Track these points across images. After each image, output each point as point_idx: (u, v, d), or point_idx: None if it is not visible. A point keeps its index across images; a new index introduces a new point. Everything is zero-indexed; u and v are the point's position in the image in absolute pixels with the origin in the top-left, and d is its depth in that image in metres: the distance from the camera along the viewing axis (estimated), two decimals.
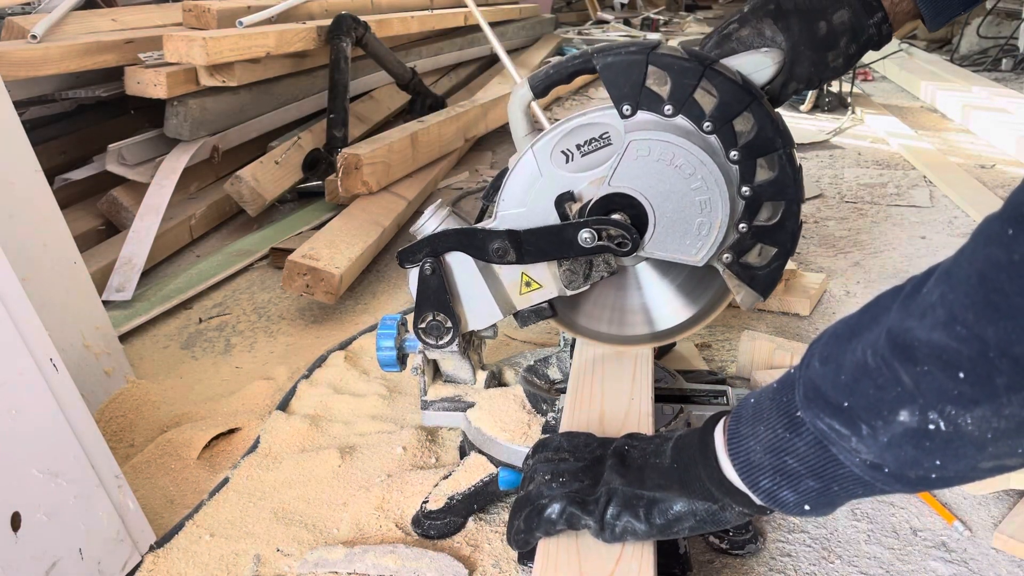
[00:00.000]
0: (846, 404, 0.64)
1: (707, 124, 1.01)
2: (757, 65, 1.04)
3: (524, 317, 1.19)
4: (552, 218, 1.10)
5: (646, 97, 1.01)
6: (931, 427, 0.58)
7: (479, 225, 1.12)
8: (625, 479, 0.83)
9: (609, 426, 1.02)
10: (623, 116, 1.02)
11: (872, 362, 0.62)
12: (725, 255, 1.07)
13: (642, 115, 1.02)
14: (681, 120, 1.01)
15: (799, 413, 0.70)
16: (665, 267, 1.18)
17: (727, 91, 0.99)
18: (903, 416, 0.59)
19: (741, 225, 1.05)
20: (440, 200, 1.19)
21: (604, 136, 1.05)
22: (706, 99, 1.00)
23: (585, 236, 1.07)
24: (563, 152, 1.07)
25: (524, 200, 1.10)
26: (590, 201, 1.07)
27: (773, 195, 1.03)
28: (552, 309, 1.19)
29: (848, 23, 1.05)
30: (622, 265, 1.13)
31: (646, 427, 1.02)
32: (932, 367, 0.57)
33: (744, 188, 1.03)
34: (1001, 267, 0.52)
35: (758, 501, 0.76)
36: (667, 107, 1.01)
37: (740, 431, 0.76)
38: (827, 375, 0.67)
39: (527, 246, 1.10)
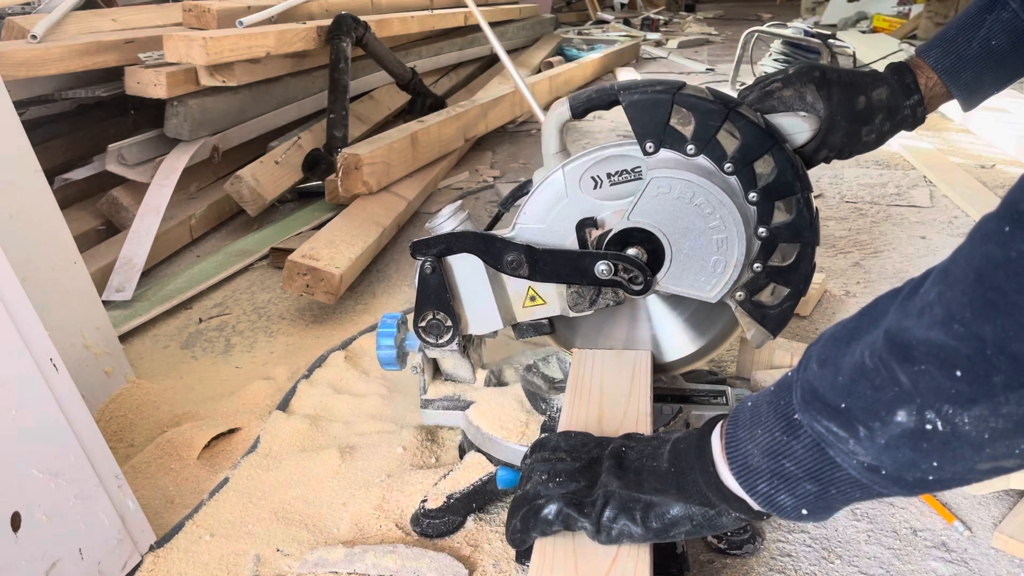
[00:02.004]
0: (843, 405, 0.64)
1: (728, 165, 1.02)
2: (794, 127, 1.06)
3: (522, 330, 1.20)
4: (570, 240, 1.11)
5: (669, 136, 1.02)
6: (928, 427, 0.58)
7: (498, 233, 1.13)
8: (622, 481, 0.83)
9: (608, 426, 1.02)
10: (646, 153, 1.04)
11: (870, 363, 0.62)
12: (738, 293, 1.08)
13: (665, 153, 1.04)
14: (703, 160, 1.03)
15: (796, 416, 0.69)
16: (674, 300, 1.19)
17: (750, 134, 1.01)
18: (900, 416, 0.59)
19: (756, 265, 1.06)
20: (461, 202, 1.19)
21: (636, 170, 1.07)
22: (728, 140, 1.01)
23: (602, 268, 1.08)
24: (593, 178, 1.08)
25: (545, 217, 1.11)
26: (610, 231, 1.08)
27: (789, 237, 1.04)
28: (551, 326, 1.19)
29: (885, 101, 1.09)
30: (631, 297, 1.13)
31: (644, 427, 1.02)
32: (929, 366, 0.57)
33: (761, 229, 1.04)
34: (998, 265, 0.52)
35: (755, 506, 0.75)
36: (690, 147, 1.02)
37: (738, 435, 0.76)
38: (825, 377, 0.67)
39: (542, 264, 1.11)
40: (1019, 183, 0.53)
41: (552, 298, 1.15)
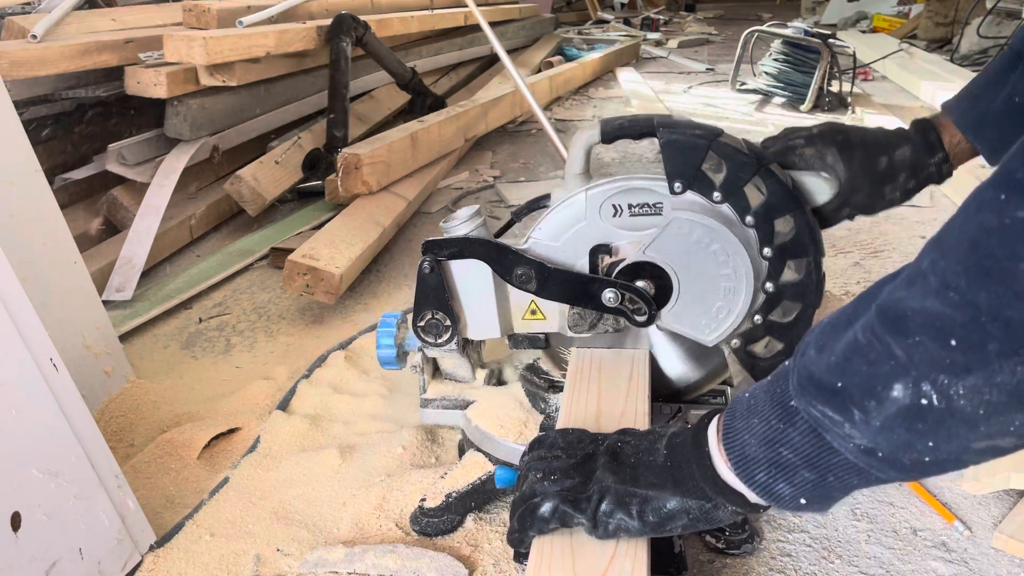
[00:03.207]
0: (839, 384, 0.64)
1: (750, 218, 1.03)
2: (816, 187, 1.09)
3: (517, 340, 1.21)
4: (581, 262, 1.11)
5: (699, 180, 1.03)
6: (924, 402, 0.58)
7: (512, 244, 1.13)
8: (618, 476, 0.83)
9: (605, 423, 1.02)
10: (673, 192, 1.05)
11: (863, 338, 0.62)
12: (734, 340, 1.09)
13: (691, 195, 1.05)
14: (726, 209, 1.04)
15: (793, 403, 0.69)
16: (675, 333, 1.19)
17: (776, 193, 1.02)
18: (896, 391, 0.59)
19: (757, 317, 1.07)
20: (478, 207, 1.19)
21: (658, 205, 1.08)
22: (754, 194, 1.02)
23: (609, 296, 1.09)
24: (614, 205, 1.09)
25: (560, 236, 1.11)
26: (623, 260, 1.09)
27: (793, 296, 1.06)
28: (546, 341, 1.20)
29: (908, 160, 1.12)
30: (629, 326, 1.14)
31: (642, 425, 1.02)
32: (924, 336, 0.57)
33: (768, 284, 1.06)
34: (992, 232, 0.53)
35: (752, 498, 0.75)
36: (716, 194, 1.03)
37: (735, 425, 0.76)
38: (820, 360, 0.67)
39: (551, 283, 1.11)
40: (1013, 152, 0.54)
41: (553, 315, 1.15)
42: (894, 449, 0.62)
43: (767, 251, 1.04)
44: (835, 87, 3.74)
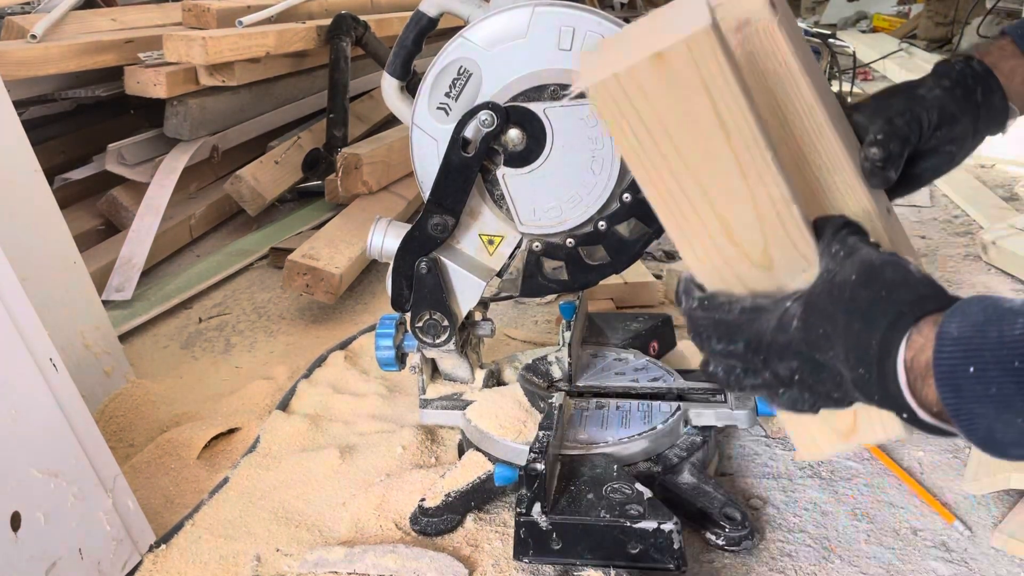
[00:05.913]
0: None
1: None
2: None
3: (534, 286, 1.14)
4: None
5: None
6: None
7: (411, 225, 1.12)
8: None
9: (743, 237, 0.69)
10: None
11: None
12: (600, 222, 1.07)
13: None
14: None
15: None
16: None
17: None
18: None
19: (625, 196, 1.05)
20: (377, 216, 1.18)
21: (462, 71, 1.05)
22: None
23: (484, 118, 1.02)
24: (439, 108, 1.06)
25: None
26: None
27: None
28: (567, 283, 1.14)
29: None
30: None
31: (791, 217, 0.67)
32: None
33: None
34: None
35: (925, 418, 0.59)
36: None
37: (972, 410, 0.55)
38: None
39: (444, 199, 1.07)
40: None
41: (500, 227, 1.11)
42: None
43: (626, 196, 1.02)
44: (835, 87, 3.73)
